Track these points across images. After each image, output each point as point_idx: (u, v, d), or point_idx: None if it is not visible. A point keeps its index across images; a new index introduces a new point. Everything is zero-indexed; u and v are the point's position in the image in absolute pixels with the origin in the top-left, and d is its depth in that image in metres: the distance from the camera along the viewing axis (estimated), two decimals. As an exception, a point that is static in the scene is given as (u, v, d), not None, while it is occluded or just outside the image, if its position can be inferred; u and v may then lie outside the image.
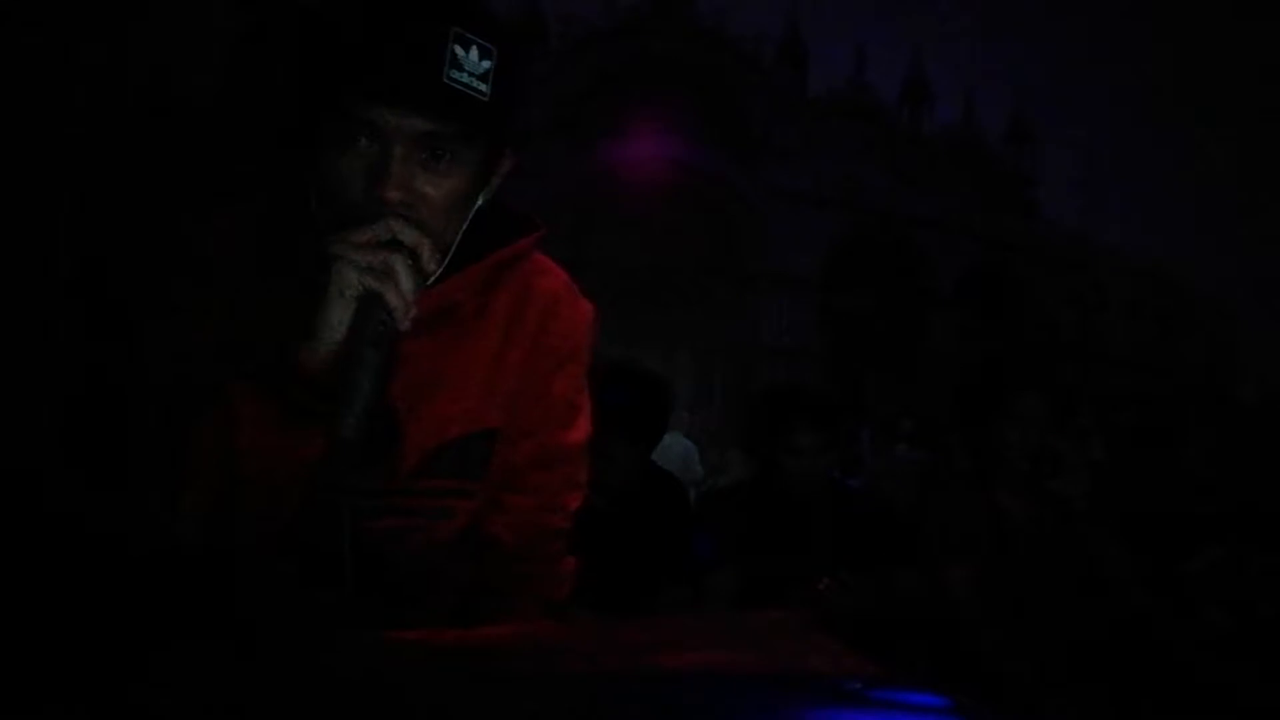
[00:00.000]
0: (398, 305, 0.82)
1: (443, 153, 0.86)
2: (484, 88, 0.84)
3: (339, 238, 0.83)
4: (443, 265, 0.90)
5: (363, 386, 0.80)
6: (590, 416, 1.12)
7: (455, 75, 0.82)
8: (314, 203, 0.90)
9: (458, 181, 0.88)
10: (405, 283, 0.83)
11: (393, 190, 0.83)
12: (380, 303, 0.82)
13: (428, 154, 0.86)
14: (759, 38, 23.75)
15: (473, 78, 0.83)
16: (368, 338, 0.81)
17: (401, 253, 0.83)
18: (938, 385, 18.65)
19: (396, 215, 0.83)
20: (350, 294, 0.82)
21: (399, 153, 0.84)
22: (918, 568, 2.19)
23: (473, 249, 0.94)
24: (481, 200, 0.94)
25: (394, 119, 0.83)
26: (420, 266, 0.84)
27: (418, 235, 0.83)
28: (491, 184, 0.95)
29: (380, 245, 0.82)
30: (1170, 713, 0.82)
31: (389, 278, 0.82)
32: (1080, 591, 2.06)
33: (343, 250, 0.82)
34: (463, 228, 0.92)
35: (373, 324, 0.82)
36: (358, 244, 0.82)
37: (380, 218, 0.83)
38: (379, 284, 0.82)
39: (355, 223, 0.83)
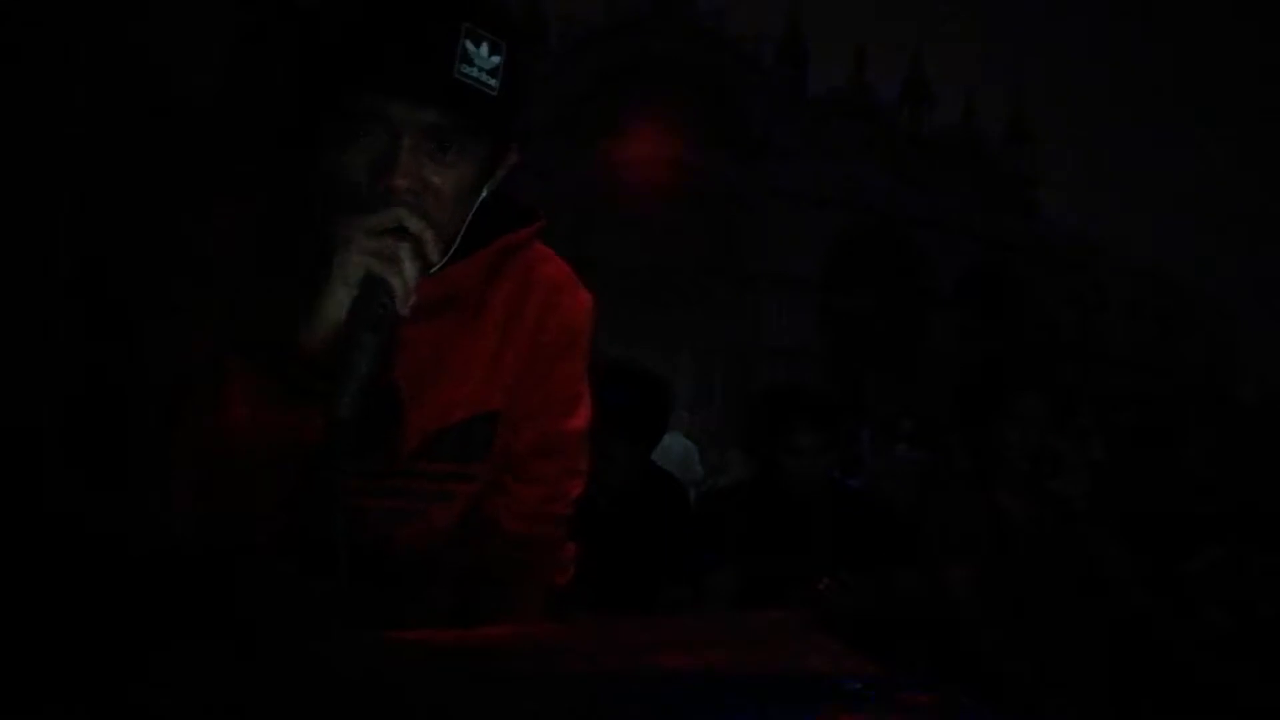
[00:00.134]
0: (399, 290, 0.83)
1: (450, 145, 0.87)
2: (493, 83, 0.85)
3: (346, 221, 0.83)
4: (447, 255, 0.91)
5: (360, 367, 0.81)
6: (591, 405, 1.13)
7: (466, 70, 0.84)
8: (317, 197, 0.90)
9: (464, 173, 0.89)
10: (408, 269, 0.83)
11: (401, 179, 0.84)
12: (382, 287, 0.83)
13: (435, 146, 0.86)
14: (759, 38, 23.79)
15: (482, 73, 0.85)
16: (368, 320, 0.82)
17: (407, 240, 0.83)
18: (938, 385, 18.64)
19: (403, 204, 0.84)
20: (354, 276, 0.82)
21: (408, 144, 0.85)
22: (918, 568, 2.19)
23: (475, 238, 0.95)
24: (485, 192, 0.95)
25: (404, 111, 0.84)
26: (424, 254, 0.85)
27: (423, 224, 0.84)
28: (496, 177, 0.96)
29: (386, 231, 0.83)
30: (1170, 713, 0.82)
31: (393, 263, 0.83)
32: (1080, 591, 2.06)
33: (349, 232, 0.83)
34: (467, 218, 0.93)
35: (374, 307, 0.82)
36: (364, 228, 0.83)
37: (388, 206, 0.84)
38: (383, 268, 0.82)
39: (360, 209, 0.84)
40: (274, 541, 0.94)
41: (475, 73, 0.84)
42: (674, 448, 6.54)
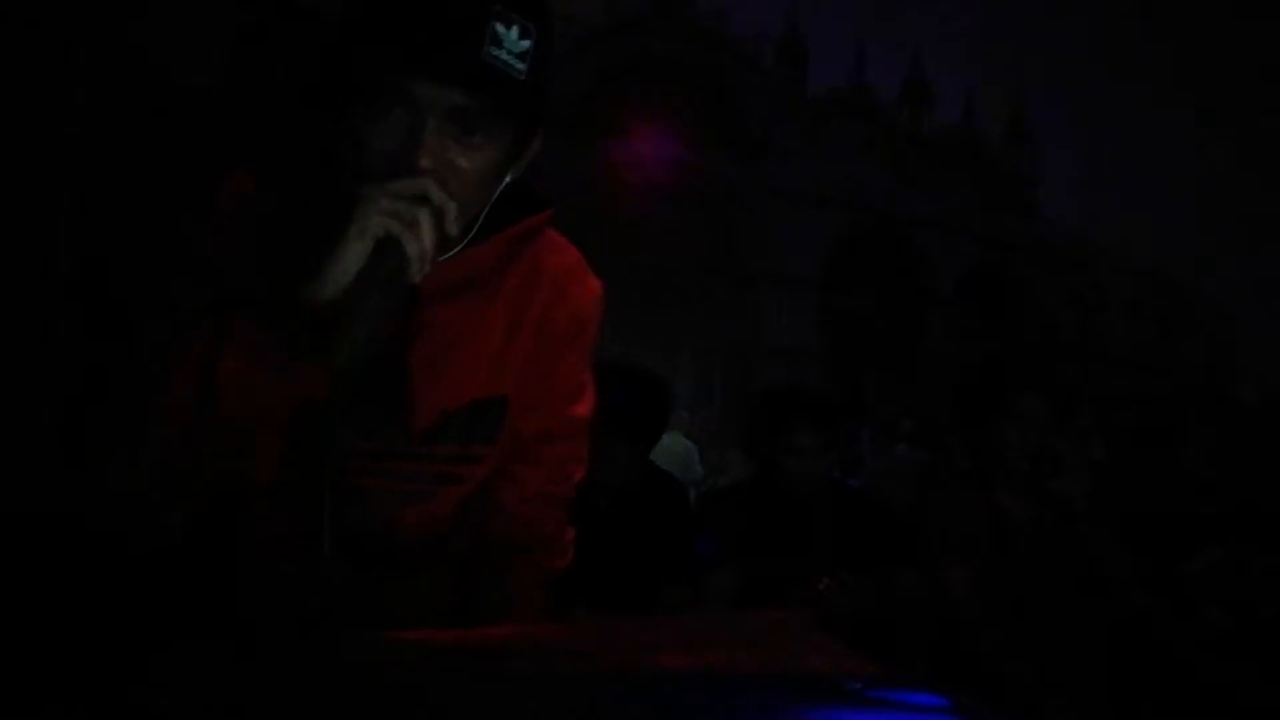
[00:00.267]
0: (414, 255, 0.82)
1: (476, 128, 0.86)
2: (521, 67, 0.84)
3: (371, 184, 0.83)
4: (466, 237, 0.91)
5: (368, 325, 0.80)
6: (594, 394, 1.13)
7: (495, 52, 0.83)
8: (339, 164, 0.89)
9: (489, 157, 0.88)
10: (426, 235, 0.82)
11: (426, 159, 0.84)
12: (397, 250, 0.82)
13: (461, 128, 0.86)
14: (759, 37, 23.79)
15: (512, 56, 0.84)
16: (380, 278, 0.81)
17: (428, 208, 0.83)
18: (938, 385, 18.64)
19: (429, 180, 0.83)
20: (370, 235, 0.81)
21: (433, 124, 0.84)
22: (918, 568, 2.19)
23: (490, 223, 0.95)
24: (509, 178, 0.94)
25: (431, 91, 0.83)
26: (443, 226, 0.84)
27: (445, 197, 0.83)
28: (520, 163, 0.95)
29: (409, 197, 0.82)
30: (1170, 713, 0.82)
31: (412, 226, 0.82)
32: (1080, 591, 2.06)
33: (371, 192, 0.82)
34: (488, 203, 0.92)
35: (387, 268, 0.81)
36: (387, 191, 0.82)
37: (411, 178, 0.83)
38: (401, 230, 0.81)
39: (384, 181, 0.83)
40: (269, 511, 0.93)
41: (504, 56, 0.83)
42: (674, 448, 6.53)
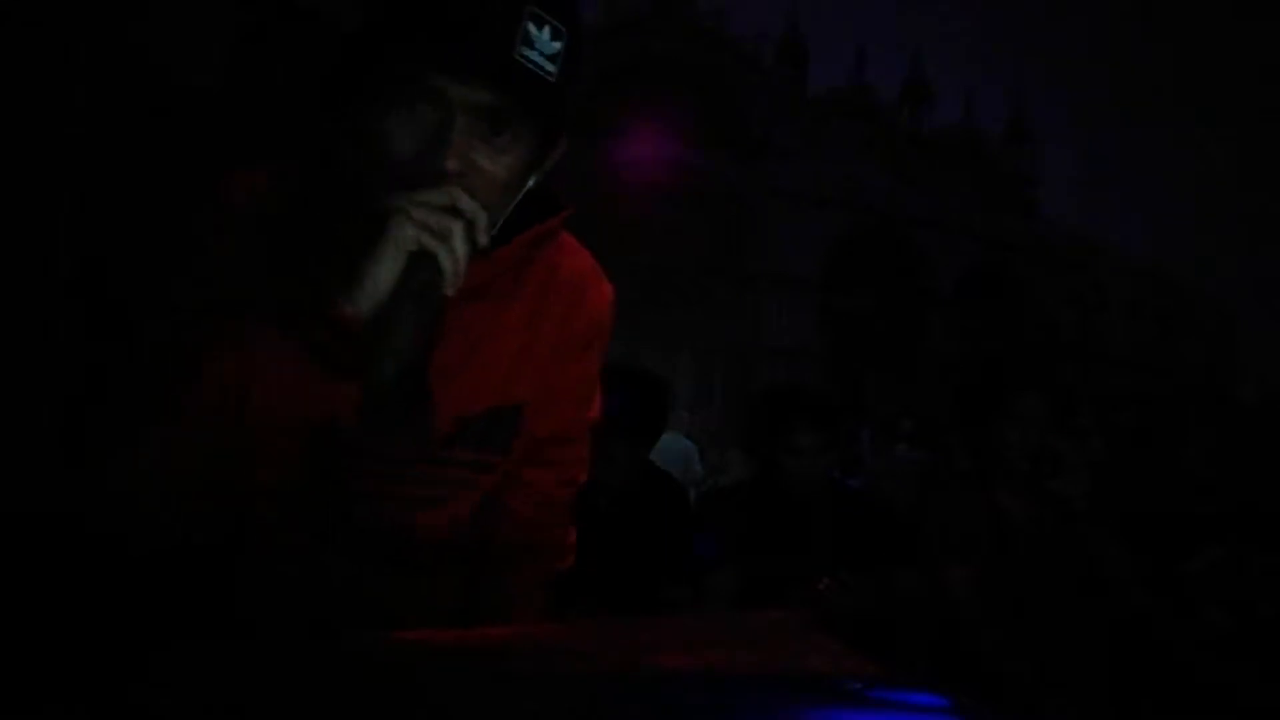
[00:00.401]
0: (449, 269, 0.81)
1: (503, 129, 0.85)
2: (552, 68, 0.83)
3: (399, 194, 0.81)
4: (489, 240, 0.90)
5: (402, 338, 0.80)
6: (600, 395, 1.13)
7: (526, 53, 0.81)
8: (362, 165, 0.88)
9: (514, 159, 0.87)
10: (459, 247, 0.81)
11: (452, 160, 0.82)
12: (431, 263, 0.81)
13: (489, 128, 0.84)
14: (759, 38, 23.79)
15: (543, 57, 0.83)
16: (414, 292, 0.81)
17: (460, 219, 0.82)
18: (938, 385, 18.65)
19: (456, 184, 0.82)
20: (404, 249, 0.80)
21: (460, 124, 0.83)
22: (918, 568, 2.19)
23: (507, 225, 0.94)
24: (532, 181, 0.93)
25: (459, 90, 0.82)
26: (474, 237, 0.83)
27: (476, 207, 0.82)
28: (543, 166, 0.93)
29: (440, 208, 0.81)
30: (1170, 713, 0.82)
31: (445, 239, 0.81)
32: (1080, 591, 2.06)
33: (404, 205, 0.81)
34: (510, 206, 0.91)
35: (420, 281, 0.81)
36: (418, 201, 0.81)
37: (440, 185, 0.82)
38: (435, 243, 0.81)
39: (409, 187, 0.82)
40: (284, 517, 0.93)
41: (535, 56, 0.82)
42: (674, 448, 6.53)
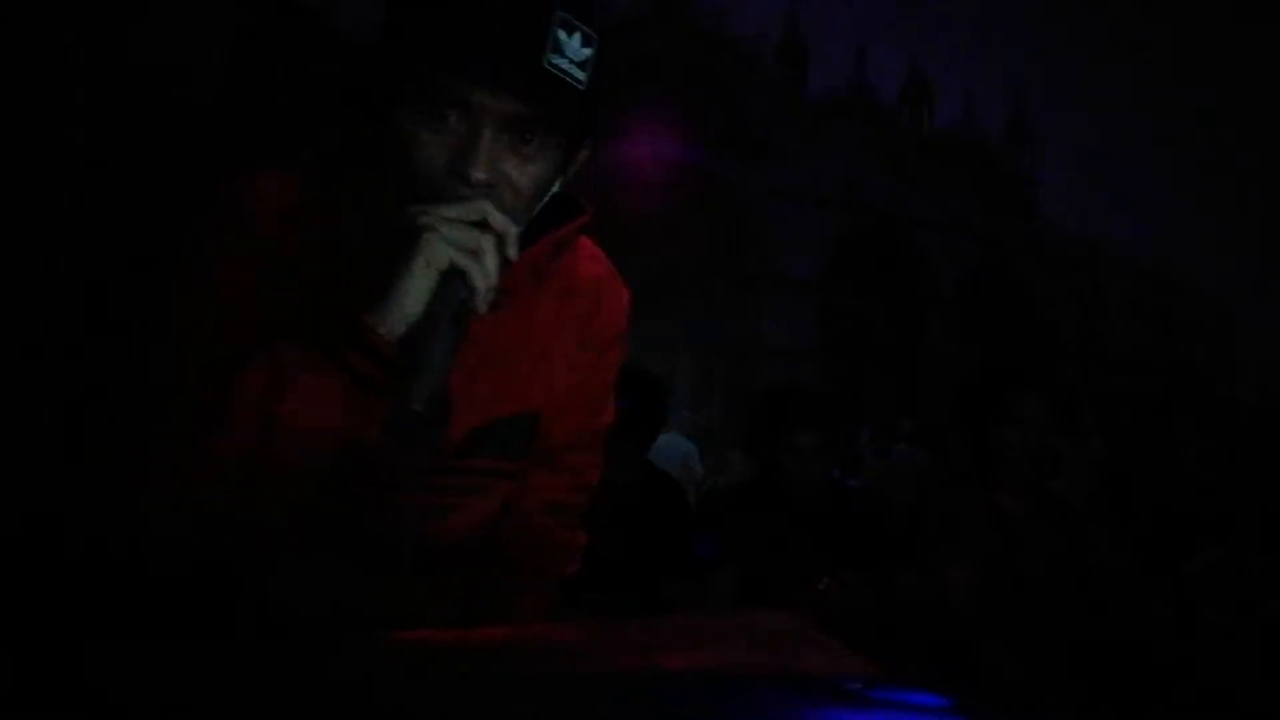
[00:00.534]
0: (481, 287, 0.80)
1: (531, 137, 0.84)
2: (582, 75, 0.82)
3: (427, 210, 0.80)
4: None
5: (437, 361, 0.79)
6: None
7: (556, 60, 0.80)
8: (389, 177, 0.86)
9: (542, 168, 0.86)
10: (491, 264, 0.80)
11: (480, 171, 0.81)
12: (463, 281, 0.80)
13: (516, 137, 0.83)
14: (759, 38, 23.78)
15: (572, 64, 0.82)
16: (448, 313, 0.80)
17: (490, 234, 0.81)
18: (938, 385, 18.65)
19: (488, 199, 0.81)
20: (435, 268, 0.79)
21: (488, 133, 0.81)
22: (918, 568, 2.19)
23: (526, 229, 0.92)
24: (557, 188, 0.92)
25: (488, 99, 0.80)
26: (504, 251, 0.82)
27: (507, 221, 0.81)
28: (568, 173, 0.92)
29: (470, 224, 0.80)
30: (1170, 713, 0.82)
31: (477, 256, 0.80)
32: (1080, 591, 2.06)
33: (434, 222, 0.79)
34: (534, 213, 0.90)
35: (453, 300, 0.80)
36: (447, 218, 0.80)
37: (468, 197, 0.81)
38: (466, 261, 0.79)
39: (435, 197, 0.81)
40: (296, 527, 0.91)
41: (565, 64, 0.81)
42: (674, 448, 6.52)
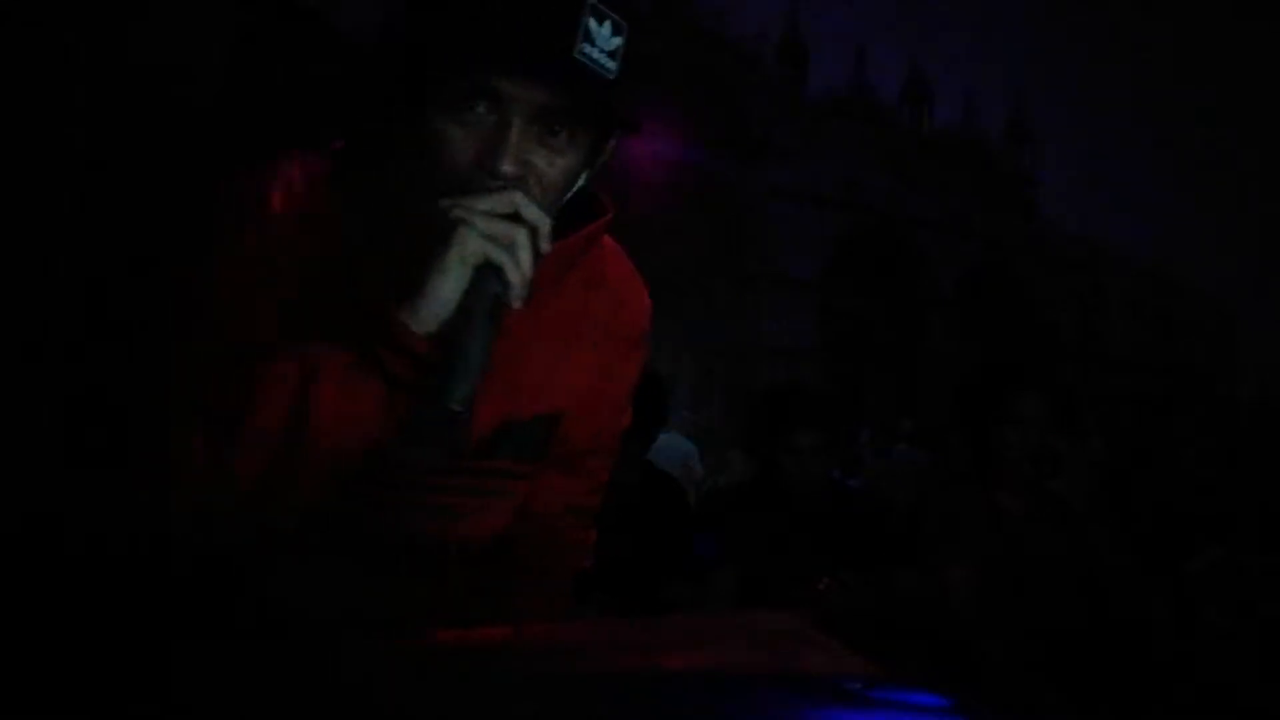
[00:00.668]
0: (516, 281, 0.78)
1: (560, 129, 0.82)
2: (612, 65, 0.81)
3: (459, 203, 0.78)
4: None
5: (474, 359, 0.77)
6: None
7: (587, 50, 0.79)
8: (416, 165, 0.84)
9: (571, 160, 0.84)
10: (526, 258, 0.79)
11: (509, 163, 0.80)
12: (497, 276, 0.78)
13: (546, 129, 0.82)
14: (759, 38, 23.78)
15: (603, 54, 0.80)
16: (483, 309, 0.78)
17: (525, 228, 0.79)
18: (938, 385, 18.65)
19: (517, 189, 0.80)
20: (469, 263, 0.78)
21: (518, 125, 0.80)
22: (918, 568, 2.19)
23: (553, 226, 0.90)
24: (583, 181, 0.90)
25: (518, 90, 0.79)
26: (538, 244, 0.80)
27: (540, 213, 0.80)
28: (595, 165, 0.90)
29: (503, 217, 0.78)
30: (1170, 713, 0.82)
31: (511, 251, 0.78)
32: (1080, 591, 2.06)
33: (467, 216, 0.78)
34: (559, 206, 0.87)
35: (488, 295, 0.78)
36: (480, 211, 0.78)
37: (499, 189, 0.79)
38: (501, 255, 0.78)
39: (463, 191, 0.79)
40: (310, 528, 0.90)
41: (596, 54, 0.79)
42: (674, 448, 6.52)
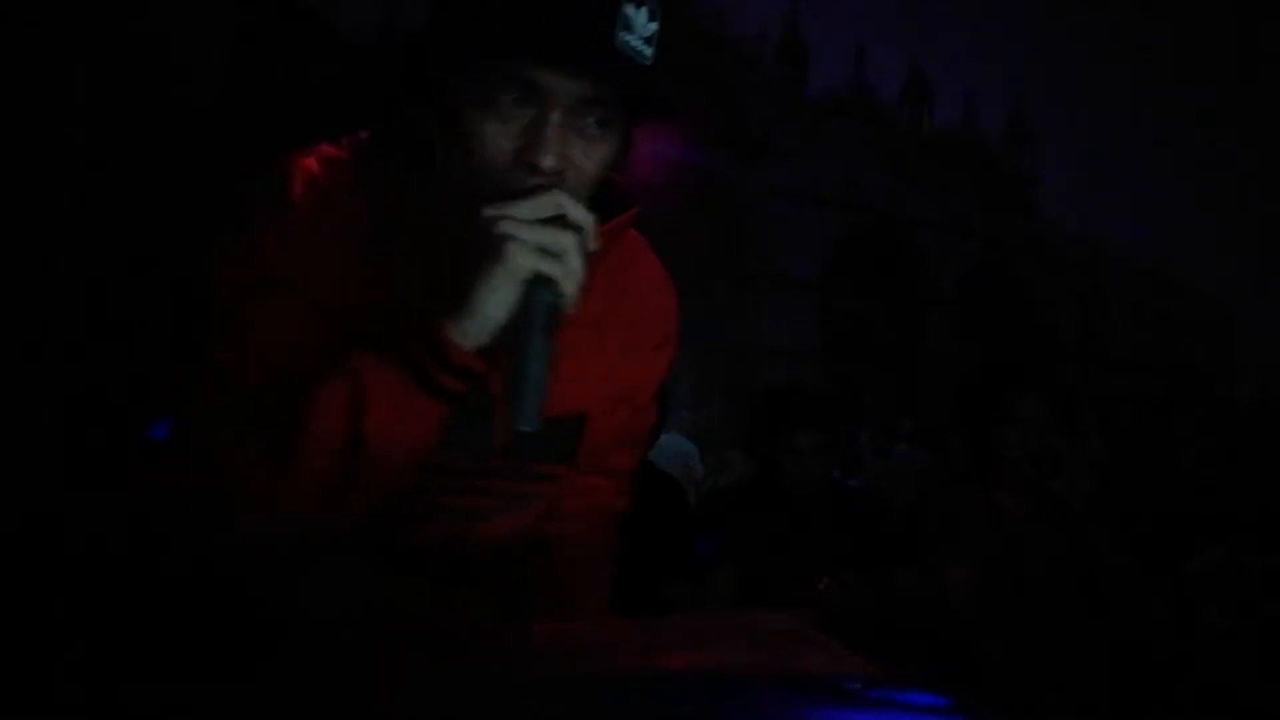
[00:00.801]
0: (570, 290, 0.76)
1: (596, 120, 0.79)
2: (649, 52, 0.78)
3: (503, 214, 0.76)
4: None
5: (537, 377, 0.75)
6: None
7: (626, 38, 0.76)
8: (451, 161, 0.82)
9: (607, 151, 0.82)
10: (577, 264, 0.76)
11: (550, 158, 0.77)
12: (551, 287, 0.76)
13: (582, 119, 0.79)
14: (759, 38, 23.81)
15: (641, 40, 0.77)
16: (540, 323, 0.76)
17: (571, 230, 0.76)
18: (938, 385, 18.66)
19: (560, 189, 0.77)
20: (520, 277, 0.75)
21: (557, 118, 0.77)
22: (918, 568, 2.19)
23: None
24: (609, 171, 0.87)
25: (557, 81, 0.76)
26: (586, 245, 0.77)
27: (584, 211, 0.77)
28: (623, 156, 0.87)
29: (549, 222, 0.76)
30: (1170, 713, 0.82)
31: (562, 260, 0.76)
32: (1080, 591, 2.06)
33: (513, 230, 0.75)
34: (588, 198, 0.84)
35: (542, 308, 0.76)
36: (526, 221, 0.75)
37: (538, 188, 0.77)
38: (552, 268, 0.75)
39: (502, 188, 0.77)
40: (362, 542, 0.88)
41: (634, 41, 0.77)
42: (674, 448, 6.52)
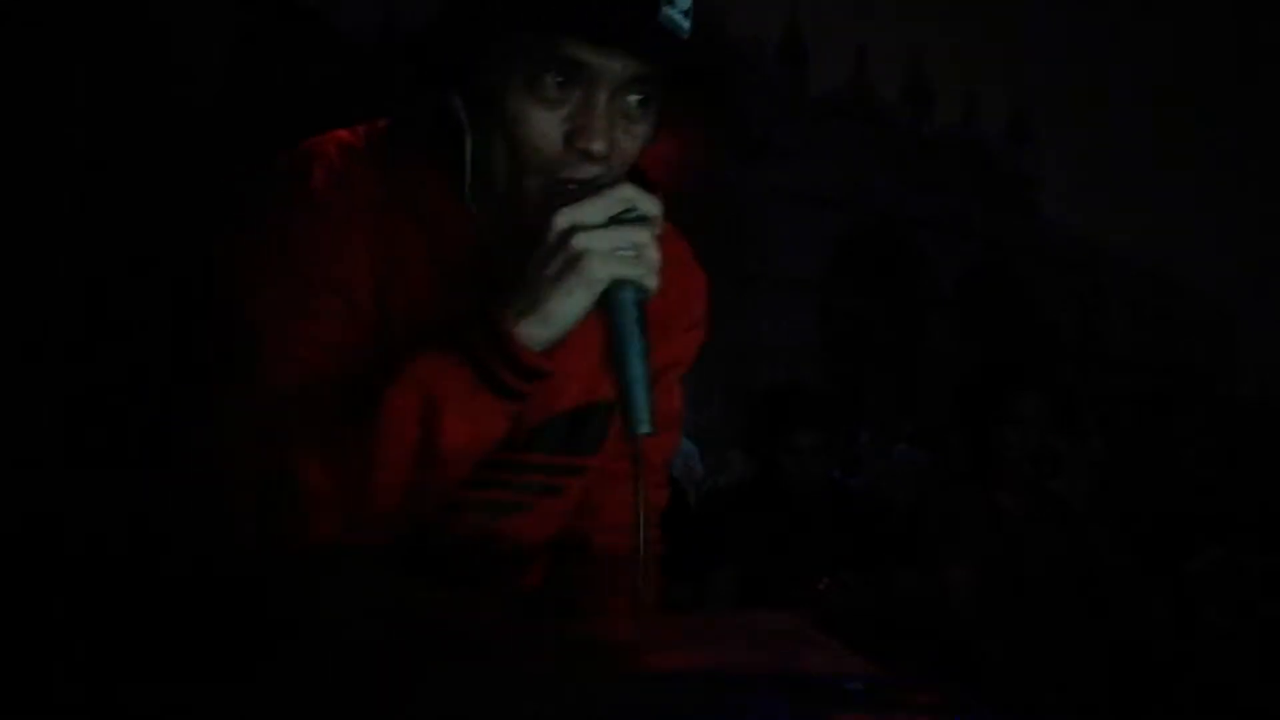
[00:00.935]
0: (652, 284, 0.75)
1: (640, 99, 0.77)
2: (688, 25, 0.76)
3: (571, 221, 0.73)
4: None
5: (640, 374, 0.74)
6: None
7: (669, 12, 0.74)
8: (495, 149, 0.79)
9: (646, 129, 0.79)
10: (654, 256, 0.75)
11: (599, 142, 0.75)
12: (634, 286, 0.75)
13: (628, 101, 0.77)
14: (759, 38, 23.82)
15: (679, 14, 0.75)
16: (630, 323, 0.74)
17: (645, 225, 0.75)
18: (938, 385, 18.66)
19: (626, 181, 0.76)
20: (598, 286, 0.74)
21: (604, 99, 0.75)
22: (918, 568, 2.19)
23: None
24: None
25: (603, 60, 0.73)
26: (657, 234, 0.75)
27: (651, 200, 0.75)
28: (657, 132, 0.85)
29: (618, 221, 0.74)
30: (1170, 713, 0.82)
31: (641, 259, 0.74)
32: (1080, 591, 2.07)
33: (588, 242, 0.73)
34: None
35: (630, 307, 0.74)
36: (598, 226, 0.73)
37: (606, 187, 0.75)
38: (632, 269, 0.74)
39: (551, 173, 0.76)
40: (407, 543, 0.85)
41: (676, 15, 0.75)
42: (674, 447, 6.51)
